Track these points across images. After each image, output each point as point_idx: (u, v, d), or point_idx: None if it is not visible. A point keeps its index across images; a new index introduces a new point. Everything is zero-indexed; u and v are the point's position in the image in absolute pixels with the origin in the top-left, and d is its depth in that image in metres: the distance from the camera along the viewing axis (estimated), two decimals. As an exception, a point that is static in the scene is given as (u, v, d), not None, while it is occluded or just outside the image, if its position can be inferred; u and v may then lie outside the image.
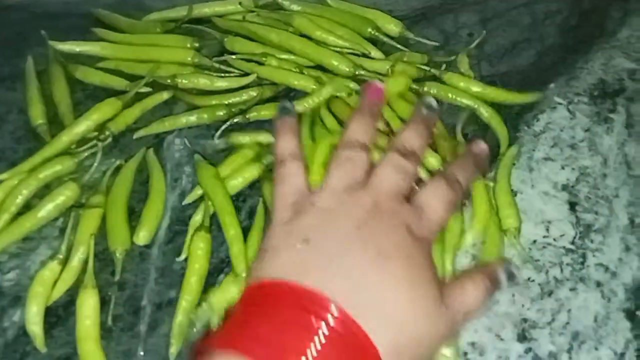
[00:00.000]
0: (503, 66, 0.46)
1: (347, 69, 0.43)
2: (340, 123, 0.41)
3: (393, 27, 0.47)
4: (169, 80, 0.43)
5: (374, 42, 0.46)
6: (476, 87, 0.43)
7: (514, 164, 0.40)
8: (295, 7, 0.47)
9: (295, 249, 0.27)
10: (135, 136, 0.41)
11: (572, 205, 0.38)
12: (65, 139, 0.39)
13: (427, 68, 0.44)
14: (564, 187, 0.39)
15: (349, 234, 0.27)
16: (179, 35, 0.46)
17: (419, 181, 0.33)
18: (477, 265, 0.32)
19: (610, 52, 0.46)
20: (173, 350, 0.32)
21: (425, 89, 0.42)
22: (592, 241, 0.37)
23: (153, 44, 0.46)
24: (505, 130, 0.41)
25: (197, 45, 0.45)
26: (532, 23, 0.48)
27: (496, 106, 0.42)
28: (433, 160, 0.38)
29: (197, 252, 0.35)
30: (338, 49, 0.45)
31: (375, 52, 0.45)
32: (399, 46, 0.46)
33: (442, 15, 0.48)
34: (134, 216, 0.38)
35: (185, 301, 0.34)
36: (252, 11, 0.48)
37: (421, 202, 0.30)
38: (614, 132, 0.42)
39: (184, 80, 0.43)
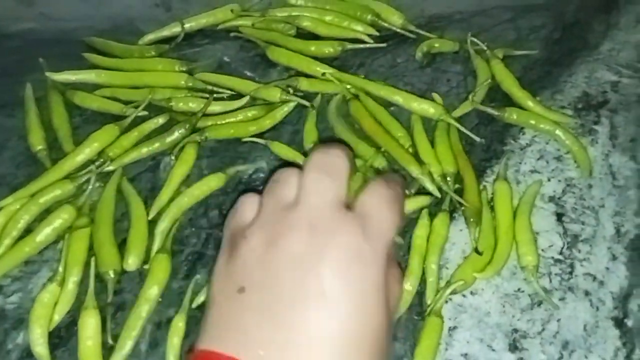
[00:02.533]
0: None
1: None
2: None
3: (396, 18, 0.49)
4: (164, 103, 0.44)
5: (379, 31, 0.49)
6: (552, 114, 0.43)
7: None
8: (300, 2, 0.50)
9: (224, 303, 0.25)
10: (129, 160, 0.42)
11: (559, 216, 0.39)
12: (65, 167, 0.40)
13: (489, 110, 0.43)
14: (551, 199, 0.40)
15: (283, 276, 0.25)
16: (169, 59, 0.48)
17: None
18: None
19: (593, 65, 0.47)
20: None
21: (506, 115, 0.43)
22: (579, 251, 0.38)
23: (145, 69, 0.47)
24: (587, 158, 0.41)
25: (185, 68, 0.47)
26: (517, 38, 0.49)
27: (484, 118, 0.44)
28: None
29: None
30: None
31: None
32: (428, 34, 0.48)
33: (429, 32, 0.49)
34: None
35: (181, 322, 0.34)
36: (243, 15, 0.50)
37: (364, 211, 0.27)
38: (599, 144, 0.43)
39: (179, 104, 0.44)
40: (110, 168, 0.41)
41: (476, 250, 0.37)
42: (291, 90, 0.45)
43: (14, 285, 0.37)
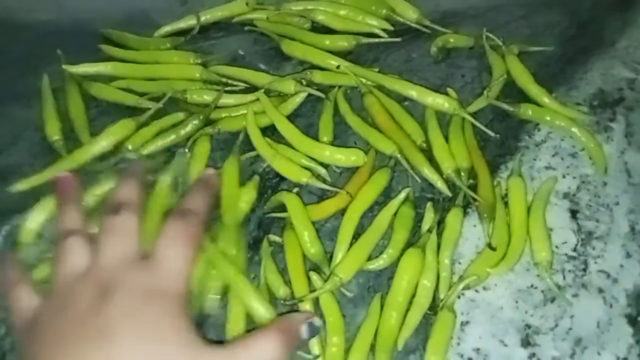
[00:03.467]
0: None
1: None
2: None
3: (411, 13, 0.49)
4: (179, 95, 0.45)
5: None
6: (567, 110, 0.43)
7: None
8: None
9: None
10: (145, 152, 0.42)
11: (574, 213, 0.39)
12: (80, 158, 0.41)
13: (504, 106, 0.43)
14: (565, 195, 0.40)
15: (72, 323, 0.26)
16: (184, 51, 0.48)
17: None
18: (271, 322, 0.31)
19: (609, 62, 0.47)
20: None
21: (521, 111, 0.43)
22: (593, 248, 0.38)
23: (160, 61, 0.47)
24: (602, 155, 0.41)
25: (200, 61, 0.47)
26: (532, 35, 0.49)
27: (499, 113, 0.44)
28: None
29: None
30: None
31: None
32: (444, 29, 0.48)
33: (443, 28, 0.49)
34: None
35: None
36: (258, 8, 0.51)
37: (158, 254, 0.29)
38: (614, 141, 0.42)
39: (194, 96, 0.45)
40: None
41: (489, 246, 0.37)
42: (304, 83, 0.45)
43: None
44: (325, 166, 0.40)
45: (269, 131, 0.43)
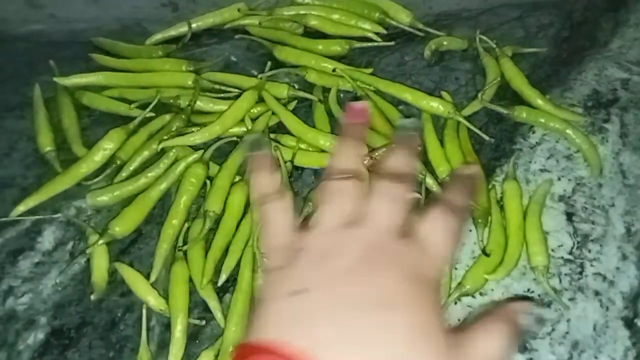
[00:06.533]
0: (498, 79, 0.47)
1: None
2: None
3: (404, 16, 0.49)
4: (171, 101, 0.44)
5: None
6: (562, 112, 0.43)
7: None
8: (307, 0, 0.50)
9: (284, 301, 0.25)
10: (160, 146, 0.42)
11: (569, 216, 0.39)
12: (77, 173, 0.41)
13: (499, 108, 0.43)
14: (561, 198, 0.40)
15: (344, 281, 0.25)
16: (176, 59, 0.48)
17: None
18: (490, 310, 0.28)
19: (602, 62, 0.47)
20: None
21: (516, 113, 0.43)
22: (589, 251, 0.38)
23: (152, 69, 0.47)
24: (597, 157, 0.41)
25: (192, 68, 0.47)
26: (525, 36, 0.49)
27: (493, 116, 0.43)
28: (429, 182, 0.39)
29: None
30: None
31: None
32: (437, 32, 0.48)
33: (437, 30, 0.48)
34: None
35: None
36: (250, 14, 0.50)
37: (423, 237, 0.27)
38: (609, 142, 0.42)
39: (187, 103, 0.45)
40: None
41: (484, 252, 0.37)
42: (297, 87, 0.45)
43: (25, 285, 0.38)
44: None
45: (270, 130, 0.43)
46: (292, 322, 0.24)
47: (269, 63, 0.46)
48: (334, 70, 0.46)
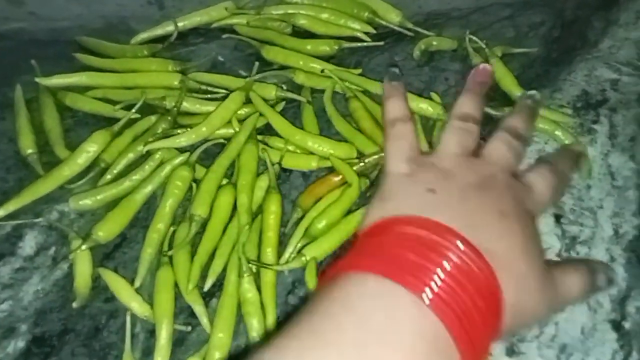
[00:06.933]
0: (488, 79, 0.46)
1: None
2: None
3: (394, 16, 0.49)
4: (157, 102, 0.44)
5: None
6: (551, 113, 0.43)
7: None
8: None
9: (420, 195, 0.27)
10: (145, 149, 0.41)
11: (558, 218, 0.39)
12: (59, 176, 0.40)
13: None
14: (549, 200, 0.40)
15: (470, 192, 0.27)
16: (163, 59, 0.47)
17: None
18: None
19: (592, 62, 0.47)
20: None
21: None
22: (577, 253, 0.38)
23: (138, 69, 0.46)
24: (586, 158, 0.41)
25: (179, 68, 0.46)
26: (516, 36, 0.49)
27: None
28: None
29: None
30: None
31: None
32: (426, 32, 0.48)
33: (427, 30, 0.48)
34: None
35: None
36: (237, 13, 0.50)
37: (529, 181, 0.30)
38: (598, 143, 0.42)
39: (173, 103, 0.44)
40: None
41: None
42: (285, 87, 0.45)
43: (5, 292, 0.37)
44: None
45: (258, 131, 0.43)
46: (427, 207, 0.26)
47: (257, 63, 0.45)
48: (322, 71, 0.45)
